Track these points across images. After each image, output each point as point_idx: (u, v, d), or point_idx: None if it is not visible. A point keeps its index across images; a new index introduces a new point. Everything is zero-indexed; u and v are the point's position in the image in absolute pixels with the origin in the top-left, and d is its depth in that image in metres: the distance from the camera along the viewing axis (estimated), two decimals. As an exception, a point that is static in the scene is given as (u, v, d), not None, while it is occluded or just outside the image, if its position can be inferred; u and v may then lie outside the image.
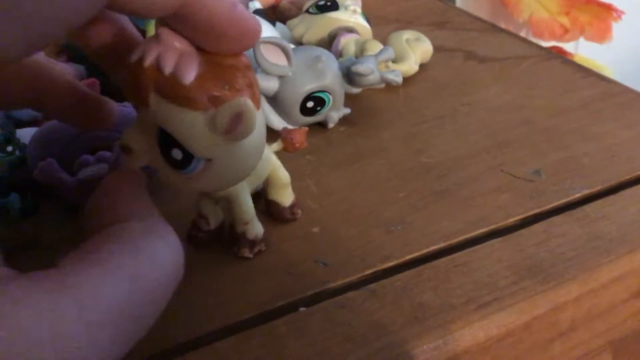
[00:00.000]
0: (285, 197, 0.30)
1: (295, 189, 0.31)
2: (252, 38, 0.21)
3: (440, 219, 0.31)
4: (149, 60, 0.20)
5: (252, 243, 0.28)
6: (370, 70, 0.37)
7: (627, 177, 0.33)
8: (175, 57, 0.20)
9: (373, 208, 0.32)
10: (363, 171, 0.35)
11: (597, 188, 0.32)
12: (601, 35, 0.81)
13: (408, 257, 0.28)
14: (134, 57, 0.21)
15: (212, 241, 0.29)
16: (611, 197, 0.31)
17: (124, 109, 0.33)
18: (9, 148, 0.33)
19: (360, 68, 0.37)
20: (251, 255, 0.28)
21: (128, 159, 0.23)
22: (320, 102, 0.37)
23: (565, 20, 0.76)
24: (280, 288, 0.27)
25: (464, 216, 0.31)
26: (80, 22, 0.18)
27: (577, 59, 0.83)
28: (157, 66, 0.20)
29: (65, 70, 0.41)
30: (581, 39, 0.83)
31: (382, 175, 0.34)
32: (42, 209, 0.32)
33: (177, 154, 0.21)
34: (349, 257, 0.28)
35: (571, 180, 0.33)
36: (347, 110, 0.39)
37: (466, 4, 0.80)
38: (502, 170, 0.34)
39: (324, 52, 0.38)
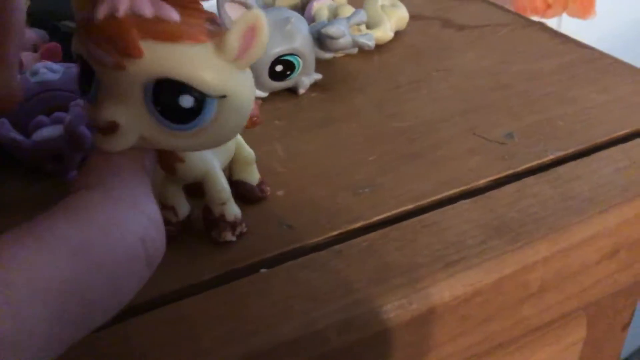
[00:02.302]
0: (253, 175, 0.28)
1: (262, 153, 0.30)
2: None
3: (410, 181, 0.30)
4: (122, 11, 0.18)
5: (233, 225, 0.26)
6: (342, 32, 0.36)
7: (601, 139, 0.32)
8: (147, 0, 0.19)
9: (341, 170, 0.31)
10: (333, 135, 0.34)
11: (571, 150, 0.31)
12: (584, 11, 0.80)
13: (375, 218, 0.28)
14: (102, 13, 0.18)
15: (181, 233, 0.26)
16: (584, 159, 0.31)
17: (71, 70, 0.32)
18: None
19: (331, 30, 0.36)
20: (234, 238, 0.26)
21: (114, 139, 0.19)
22: (289, 66, 0.36)
23: (547, -5, 0.75)
24: (243, 249, 0.26)
25: (434, 178, 0.30)
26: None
27: (559, 36, 0.82)
28: (135, 13, 0.18)
29: (28, 35, 0.40)
30: (564, 16, 0.82)
31: (352, 139, 0.33)
32: (1, 171, 0.31)
33: (187, 101, 0.19)
34: (315, 220, 0.28)
35: (545, 142, 0.32)
36: (319, 76, 0.38)
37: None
38: (474, 134, 0.33)
39: (293, 14, 0.37)
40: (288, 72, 0.37)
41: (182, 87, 0.19)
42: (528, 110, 0.35)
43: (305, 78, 0.38)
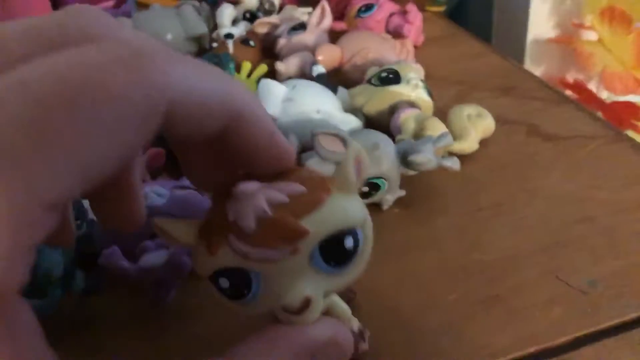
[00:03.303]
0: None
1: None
2: (286, 164, 0.22)
3: (489, 332, 0.30)
4: (268, 208, 0.20)
5: (361, 333, 0.27)
6: (428, 160, 0.37)
7: (690, 296, 0.32)
8: (268, 190, 0.21)
9: (419, 311, 0.32)
10: (414, 265, 0.35)
11: (657, 308, 0.31)
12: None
13: (452, 375, 0.28)
14: (252, 221, 0.20)
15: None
16: (670, 321, 0.30)
17: (183, 192, 0.35)
18: (77, 221, 0.35)
19: (417, 158, 0.37)
20: (367, 347, 0.27)
21: (309, 313, 0.21)
22: (374, 187, 0.38)
23: (639, 74, 0.73)
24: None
25: (512, 331, 0.30)
26: (134, 153, 0.19)
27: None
28: (275, 203, 0.20)
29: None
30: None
31: (432, 272, 0.34)
32: (106, 284, 0.34)
33: (349, 241, 0.21)
34: (393, 368, 0.29)
35: (629, 295, 0.32)
36: (402, 193, 0.40)
37: (536, 55, 0.78)
38: (557, 277, 0.33)
39: (381, 138, 0.38)
40: (373, 192, 0.38)
41: (342, 234, 0.21)
42: (613, 252, 0.35)
43: (390, 196, 0.39)
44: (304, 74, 0.53)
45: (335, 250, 0.21)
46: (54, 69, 0.17)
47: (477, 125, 0.44)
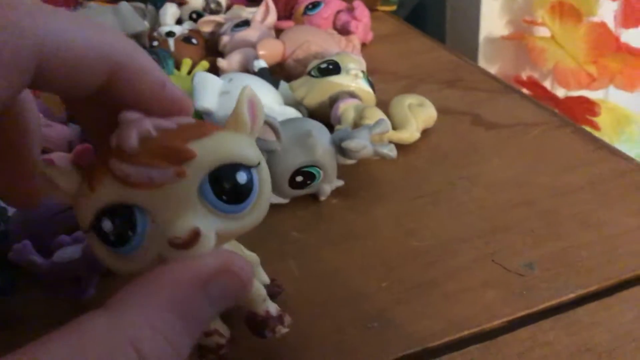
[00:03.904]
0: (261, 276, 0.28)
1: (277, 270, 0.30)
2: (183, 114, 0.21)
3: (421, 316, 0.29)
4: (153, 129, 0.19)
5: (280, 317, 0.26)
6: (362, 146, 0.36)
7: (627, 275, 0.31)
8: (155, 118, 0.20)
9: (352, 299, 0.30)
10: (351, 253, 0.34)
11: (593, 287, 0.30)
12: (632, 83, 0.78)
13: (381, 361, 0.27)
14: (134, 140, 0.19)
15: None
16: (606, 300, 0.29)
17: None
18: (-6, 220, 0.33)
19: (352, 144, 0.36)
20: (288, 329, 0.26)
21: (198, 247, 0.19)
22: (310, 177, 0.36)
23: (592, 69, 0.73)
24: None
25: (446, 315, 0.29)
26: (6, 99, 0.17)
27: (606, 107, 0.80)
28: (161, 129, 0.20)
29: (61, 132, 0.41)
30: (610, 87, 0.80)
31: (368, 260, 0.33)
32: (22, 284, 0.32)
33: (242, 176, 0.20)
34: (321, 358, 0.27)
35: (565, 277, 0.31)
36: (340, 182, 0.38)
37: (489, 49, 0.78)
38: (493, 261, 0.32)
39: (315, 125, 0.37)
40: (308, 182, 0.37)
41: (233, 167, 0.20)
42: (551, 235, 0.34)
43: (327, 185, 0.38)
44: (247, 70, 0.52)
45: (226, 184, 0.20)
46: None
47: (418, 114, 0.43)
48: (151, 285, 0.18)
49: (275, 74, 0.50)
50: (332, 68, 0.44)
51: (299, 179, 0.36)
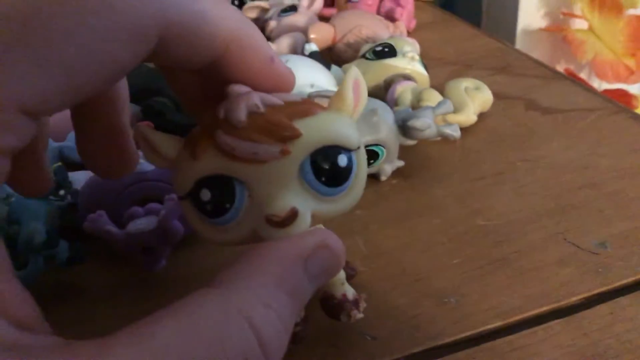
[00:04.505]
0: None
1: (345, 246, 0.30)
2: (286, 90, 0.21)
3: (497, 293, 0.29)
4: (262, 105, 0.19)
5: (356, 301, 0.25)
6: (427, 125, 0.36)
7: (703, 255, 0.30)
8: (264, 94, 0.20)
9: (425, 274, 0.30)
10: (415, 230, 0.33)
11: (670, 266, 0.30)
12: (669, 76, 0.77)
13: (461, 335, 0.27)
14: (242, 114, 0.19)
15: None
16: (685, 278, 0.29)
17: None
18: (61, 192, 0.34)
19: (417, 123, 0.36)
20: (362, 315, 0.25)
21: (296, 226, 0.19)
22: (373, 155, 0.36)
23: (630, 62, 0.73)
24: (325, 362, 0.26)
25: (522, 291, 0.29)
26: (124, 73, 0.17)
27: (642, 101, 0.79)
28: (269, 105, 0.20)
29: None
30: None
31: (435, 236, 0.33)
32: (90, 255, 0.32)
33: (343, 160, 0.20)
34: (398, 331, 0.27)
35: (639, 255, 0.30)
36: (401, 163, 0.38)
37: (526, 41, 0.78)
38: (565, 240, 0.32)
39: (380, 105, 0.37)
40: (371, 161, 0.37)
41: (335, 150, 0.20)
42: (620, 215, 0.33)
43: (388, 165, 0.38)
44: (296, 54, 0.51)
45: (327, 166, 0.20)
46: None
47: (474, 97, 0.43)
48: (258, 263, 0.18)
49: (325, 58, 0.50)
50: (388, 51, 0.44)
51: (362, 157, 0.36)
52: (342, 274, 0.25)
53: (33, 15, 0.15)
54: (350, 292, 0.25)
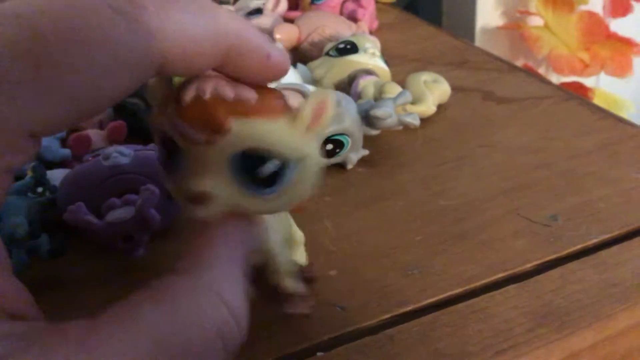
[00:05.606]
0: (302, 256, 0.29)
1: (314, 230, 0.32)
2: (279, 78, 0.22)
3: (458, 263, 0.31)
4: (208, 93, 0.20)
5: (304, 298, 0.26)
6: (388, 114, 0.38)
7: (644, 222, 0.33)
8: (225, 84, 0.21)
9: (391, 251, 0.32)
10: (382, 213, 0.35)
11: (614, 233, 0.32)
12: (622, 69, 0.81)
13: (425, 302, 0.29)
14: (190, 95, 0.20)
15: None
16: (627, 243, 0.32)
17: (147, 152, 0.35)
18: (39, 189, 0.35)
19: (379, 112, 0.38)
20: (310, 311, 0.26)
21: (205, 208, 0.21)
22: (338, 145, 0.38)
23: (585, 56, 0.76)
24: (298, 332, 0.27)
25: (481, 261, 0.31)
26: (124, 96, 0.19)
27: (597, 94, 0.83)
28: (218, 95, 0.20)
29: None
30: (602, 74, 0.83)
31: (400, 217, 0.35)
32: (70, 247, 0.33)
33: (271, 167, 0.21)
34: (367, 302, 0.29)
35: (587, 225, 0.33)
36: (366, 152, 0.40)
37: (485, 39, 0.81)
38: (519, 214, 0.34)
39: (343, 97, 0.39)
40: (337, 150, 0.39)
41: (266, 155, 0.21)
42: (570, 191, 0.36)
43: (353, 154, 0.40)
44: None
45: (250, 168, 0.21)
46: (51, 7, 0.17)
47: (433, 89, 0.46)
48: (210, 248, 0.20)
49: (290, 57, 0.52)
50: (350, 48, 0.46)
51: (329, 147, 0.38)
52: (295, 268, 0.26)
53: (43, 54, 0.16)
54: (299, 287, 0.26)
